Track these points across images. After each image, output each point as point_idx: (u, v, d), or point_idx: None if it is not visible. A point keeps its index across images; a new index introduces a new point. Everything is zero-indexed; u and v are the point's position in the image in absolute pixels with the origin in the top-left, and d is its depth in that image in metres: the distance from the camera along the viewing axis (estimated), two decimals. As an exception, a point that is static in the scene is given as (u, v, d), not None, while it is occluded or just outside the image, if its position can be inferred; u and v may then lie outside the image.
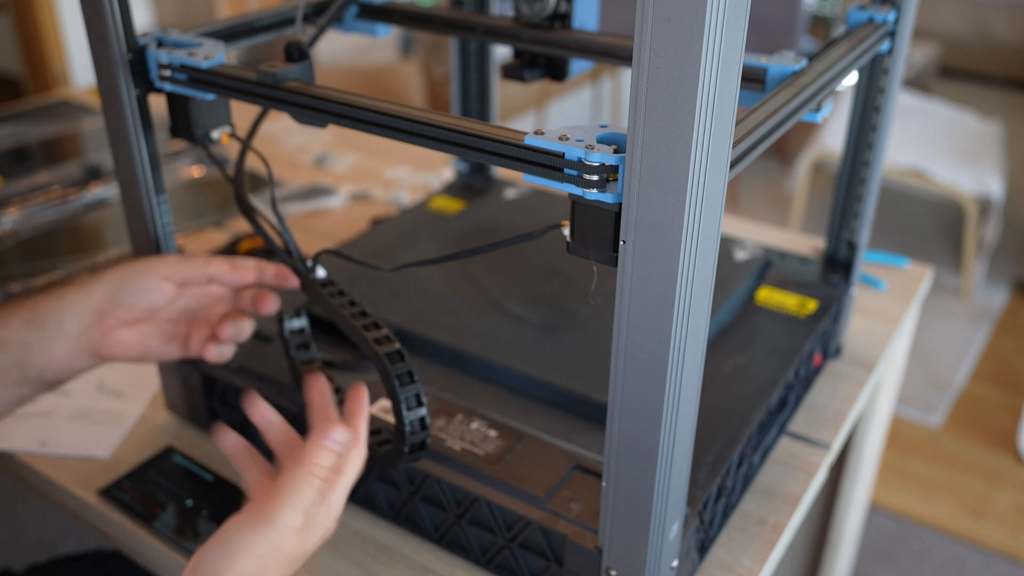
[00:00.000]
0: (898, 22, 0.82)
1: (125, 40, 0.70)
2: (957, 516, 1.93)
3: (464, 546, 0.73)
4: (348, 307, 0.72)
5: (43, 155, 1.45)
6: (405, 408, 0.67)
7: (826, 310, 0.92)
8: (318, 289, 0.74)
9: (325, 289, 0.74)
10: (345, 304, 0.72)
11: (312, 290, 0.74)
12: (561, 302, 0.91)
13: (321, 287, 0.74)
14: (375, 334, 0.69)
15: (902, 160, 2.62)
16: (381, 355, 0.67)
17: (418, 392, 0.67)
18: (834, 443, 0.86)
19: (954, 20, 4.32)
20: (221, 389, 0.83)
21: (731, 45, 0.46)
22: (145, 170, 0.75)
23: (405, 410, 0.67)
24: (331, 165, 1.47)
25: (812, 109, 0.68)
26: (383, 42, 3.27)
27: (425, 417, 0.68)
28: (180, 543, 0.75)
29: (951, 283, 2.76)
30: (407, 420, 0.67)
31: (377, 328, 0.70)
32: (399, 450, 0.68)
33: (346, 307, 0.72)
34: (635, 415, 0.56)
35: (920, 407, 2.24)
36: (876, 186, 0.92)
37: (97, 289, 0.70)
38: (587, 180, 0.52)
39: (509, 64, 0.88)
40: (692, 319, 0.53)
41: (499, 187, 1.17)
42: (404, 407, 0.67)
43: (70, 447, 0.86)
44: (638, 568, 0.62)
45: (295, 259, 0.75)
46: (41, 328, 0.69)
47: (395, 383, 0.66)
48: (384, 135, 0.63)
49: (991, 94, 4.24)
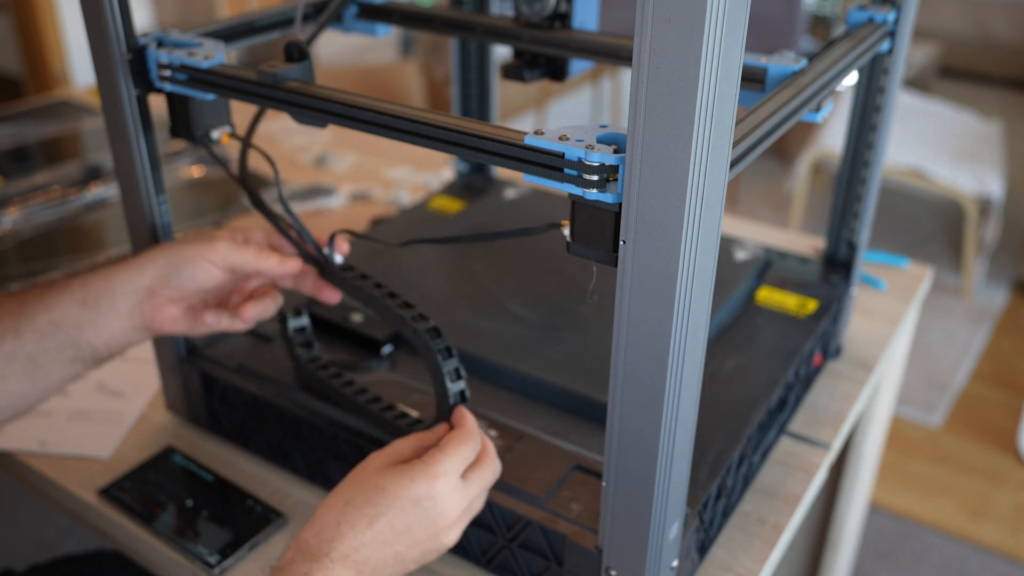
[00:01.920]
0: (898, 22, 0.82)
1: (125, 40, 0.70)
2: (957, 516, 1.93)
3: (464, 546, 0.73)
4: (376, 289, 0.72)
5: (43, 155, 1.45)
6: (449, 381, 0.68)
7: (826, 310, 0.92)
8: (341, 275, 0.74)
9: (347, 274, 0.74)
10: (372, 287, 0.72)
11: (335, 277, 0.74)
12: (561, 302, 0.91)
13: (343, 271, 0.74)
14: (410, 312, 0.70)
15: (902, 160, 2.62)
16: (421, 331, 0.68)
17: (457, 367, 0.69)
18: (834, 443, 0.86)
19: (954, 20, 4.32)
20: (221, 389, 0.83)
21: (731, 45, 0.46)
22: (145, 170, 0.75)
23: (449, 383, 0.68)
24: (331, 165, 1.47)
25: (812, 109, 0.68)
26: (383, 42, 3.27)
27: (465, 390, 0.69)
28: (180, 543, 0.75)
29: (951, 283, 2.76)
30: (451, 392, 0.68)
31: (410, 307, 0.70)
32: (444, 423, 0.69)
33: (374, 289, 0.72)
34: (635, 415, 0.56)
35: (920, 407, 2.24)
36: (876, 186, 0.92)
37: (150, 269, 0.72)
38: (587, 180, 0.52)
39: (509, 64, 0.88)
40: (692, 319, 0.53)
41: (499, 187, 1.17)
42: (448, 380, 0.68)
43: (70, 447, 0.86)
44: (638, 568, 0.62)
45: (313, 250, 0.75)
46: (95, 308, 0.71)
47: (438, 358, 0.68)
48: (384, 135, 0.63)
49: (991, 94, 4.24)
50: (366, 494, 0.62)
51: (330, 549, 0.60)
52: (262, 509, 0.78)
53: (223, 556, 0.74)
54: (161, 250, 0.73)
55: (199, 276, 0.73)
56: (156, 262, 0.72)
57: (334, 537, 0.60)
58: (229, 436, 0.86)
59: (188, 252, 0.72)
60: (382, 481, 0.62)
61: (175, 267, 0.72)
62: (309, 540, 0.61)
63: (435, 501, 0.62)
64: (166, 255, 0.73)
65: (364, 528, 0.61)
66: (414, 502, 0.62)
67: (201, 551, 0.74)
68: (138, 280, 0.72)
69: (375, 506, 0.61)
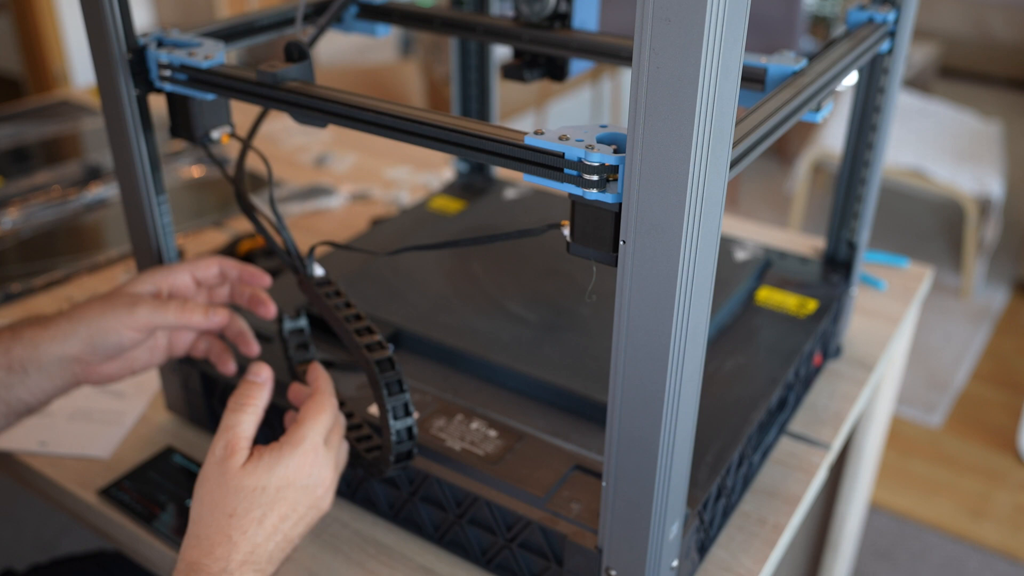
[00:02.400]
0: (898, 22, 0.82)
1: (125, 40, 0.70)
2: (957, 516, 1.93)
3: (464, 546, 0.73)
4: (343, 308, 0.71)
5: (43, 155, 1.45)
6: (392, 418, 0.66)
7: (826, 310, 0.92)
8: (314, 288, 0.73)
9: (321, 288, 0.73)
10: (340, 306, 0.71)
11: (308, 289, 0.74)
12: (561, 302, 0.91)
13: (318, 286, 0.73)
14: (367, 339, 0.68)
15: (902, 160, 2.62)
16: (371, 361, 0.66)
17: (406, 401, 0.66)
18: (834, 443, 0.86)
19: (954, 20, 4.32)
20: (221, 389, 0.83)
21: (731, 45, 0.46)
22: (145, 170, 0.75)
23: (392, 419, 0.66)
24: (331, 165, 1.47)
25: (812, 109, 0.68)
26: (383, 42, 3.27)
27: (413, 427, 0.67)
28: (180, 543, 0.75)
29: (951, 283, 2.76)
30: (393, 429, 0.66)
31: (370, 333, 0.68)
32: (385, 459, 0.68)
33: (341, 308, 0.71)
34: (635, 415, 0.56)
35: (920, 407, 2.24)
36: (876, 186, 0.92)
37: (72, 340, 0.71)
38: (587, 180, 0.52)
39: (509, 64, 0.88)
40: (692, 319, 0.53)
41: (499, 187, 1.17)
42: (391, 416, 0.66)
43: (70, 447, 0.86)
44: (638, 568, 0.62)
45: (293, 257, 0.75)
46: (22, 372, 0.71)
47: (383, 392, 0.66)
48: (384, 135, 0.63)
49: (991, 94, 4.24)
50: (247, 499, 0.62)
51: (227, 563, 0.60)
52: (262, 509, 0.78)
53: (223, 556, 0.74)
54: (81, 320, 0.72)
55: (124, 342, 0.73)
56: (77, 334, 0.72)
57: (230, 551, 0.60)
58: (229, 436, 0.86)
59: (109, 323, 0.72)
60: (256, 480, 0.62)
61: (98, 336, 0.72)
62: (201, 560, 0.60)
63: (310, 475, 0.64)
64: (87, 326, 0.72)
65: (256, 529, 0.61)
66: (291, 484, 0.63)
67: (201, 551, 0.74)
68: (61, 350, 0.71)
69: (260, 507, 0.62)
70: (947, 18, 4.32)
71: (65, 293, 1.11)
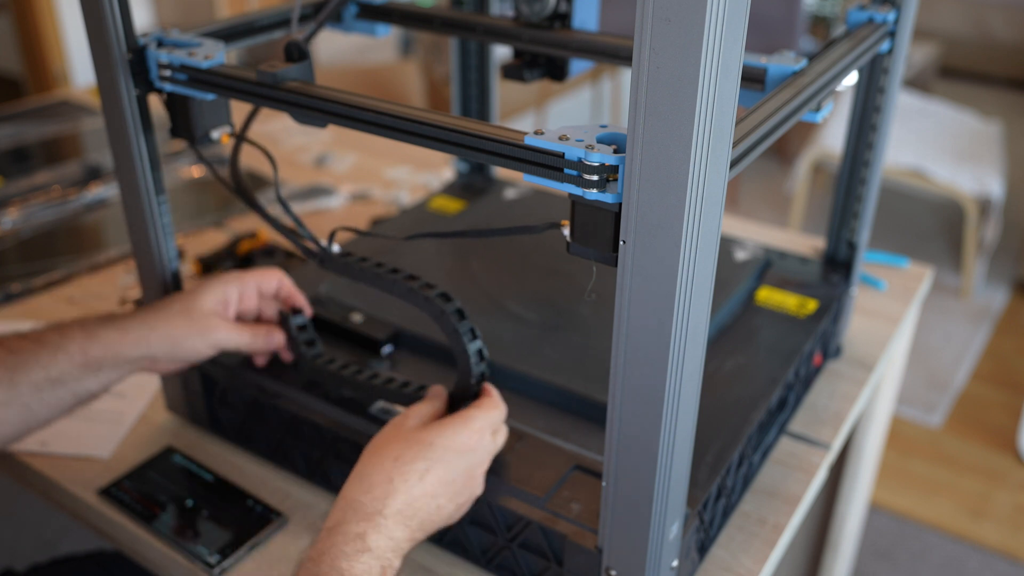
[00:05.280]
0: (898, 22, 0.82)
1: (125, 40, 0.70)
2: (957, 516, 1.93)
3: (464, 546, 0.73)
4: (379, 268, 0.73)
5: (43, 155, 1.45)
6: (467, 340, 0.69)
7: (826, 310, 0.92)
8: (343, 261, 0.74)
9: (349, 259, 0.75)
10: (374, 266, 0.73)
11: (338, 265, 0.75)
12: (561, 302, 0.91)
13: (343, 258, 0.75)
14: (418, 283, 0.71)
15: (902, 160, 2.62)
16: (433, 298, 0.69)
17: (472, 327, 0.70)
18: (834, 443, 0.86)
19: (954, 20, 4.32)
20: (221, 389, 0.83)
21: (731, 45, 0.46)
22: (145, 170, 0.75)
23: (467, 342, 0.69)
24: (331, 165, 1.47)
25: (812, 109, 0.68)
26: (383, 42, 3.27)
27: (483, 349, 0.70)
28: (180, 543, 0.75)
29: (951, 283, 2.76)
30: (470, 352, 0.69)
31: (416, 279, 0.71)
32: (466, 383, 0.70)
33: (377, 268, 0.73)
34: (635, 415, 0.56)
35: (920, 407, 2.24)
36: (876, 186, 0.92)
37: (151, 346, 0.76)
38: (587, 180, 0.52)
39: (509, 64, 0.88)
40: (692, 319, 0.53)
41: (499, 187, 1.17)
42: (466, 340, 0.69)
43: (70, 447, 0.86)
44: (638, 568, 0.62)
45: (309, 240, 0.75)
46: (97, 370, 0.74)
47: (452, 320, 0.69)
48: (384, 135, 0.63)
49: (991, 94, 4.24)
50: (415, 449, 0.64)
51: (383, 506, 0.61)
52: (262, 509, 0.78)
53: (223, 556, 0.74)
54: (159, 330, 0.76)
55: (200, 357, 0.78)
56: (157, 344, 0.76)
57: (388, 494, 0.62)
58: (229, 436, 0.86)
59: (189, 341, 0.76)
60: (428, 436, 0.65)
61: (177, 350, 0.77)
62: (359, 498, 0.61)
63: (475, 452, 0.66)
64: (166, 339, 0.76)
65: (416, 482, 0.63)
66: (458, 452, 0.65)
67: (201, 551, 0.74)
68: (138, 352, 0.75)
69: (426, 460, 0.64)
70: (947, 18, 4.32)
71: (65, 293, 1.11)
